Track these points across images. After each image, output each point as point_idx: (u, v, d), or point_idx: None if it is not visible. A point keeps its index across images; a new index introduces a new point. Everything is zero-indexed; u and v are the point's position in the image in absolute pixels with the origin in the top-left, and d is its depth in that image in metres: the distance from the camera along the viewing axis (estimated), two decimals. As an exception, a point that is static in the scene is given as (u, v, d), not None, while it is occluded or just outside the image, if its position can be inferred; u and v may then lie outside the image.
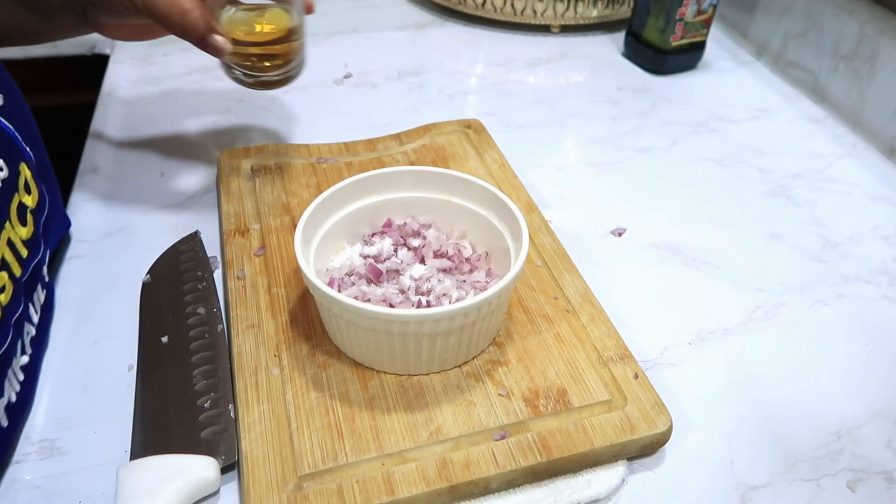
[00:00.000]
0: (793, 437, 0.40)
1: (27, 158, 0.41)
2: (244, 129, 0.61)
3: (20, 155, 0.40)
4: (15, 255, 0.37)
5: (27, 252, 0.39)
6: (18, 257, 0.38)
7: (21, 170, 0.39)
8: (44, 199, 0.42)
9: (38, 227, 0.41)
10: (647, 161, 0.61)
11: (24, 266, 0.38)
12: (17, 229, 0.38)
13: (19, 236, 0.38)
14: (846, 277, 0.50)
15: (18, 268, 0.38)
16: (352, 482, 0.34)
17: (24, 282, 0.38)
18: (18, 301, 0.37)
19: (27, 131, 0.42)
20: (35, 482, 0.36)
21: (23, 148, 0.41)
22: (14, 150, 0.39)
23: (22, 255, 0.38)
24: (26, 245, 0.39)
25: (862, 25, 0.64)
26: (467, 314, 0.37)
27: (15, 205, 0.38)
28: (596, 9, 0.79)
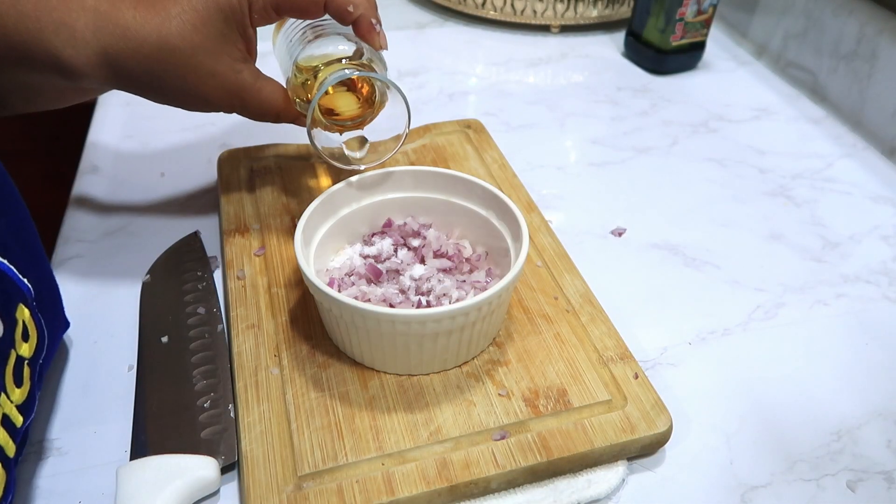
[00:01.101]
0: (793, 437, 0.40)
1: (25, 293, 0.35)
2: (244, 129, 0.61)
3: (18, 294, 0.34)
4: (8, 431, 0.32)
5: (21, 420, 0.33)
6: (12, 432, 0.32)
7: (18, 316, 0.34)
8: (43, 335, 0.36)
9: (35, 373, 0.35)
10: (647, 161, 0.61)
11: (18, 438, 0.33)
12: (11, 395, 0.32)
13: (14, 403, 0.32)
14: (846, 277, 0.50)
15: (12, 446, 0.32)
16: (352, 482, 0.34)
17: (15, 457, 0.32)
18: (11, 488, 0.31)
19: (17, 229, 0.37)
20: (35, 482, 0.36)
21: (20, 282, 0.34)
22: (9, 294, 0.33)
23: (16, 426, 0.32)
24: (21, 410, 0.33)
25: (862, 25, 0.64)
26: (467, 314, 0.37)
27: (11, 367, 0.32)
28: (596, 9, 0.79)
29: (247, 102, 0.42)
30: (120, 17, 0.38)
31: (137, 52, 0.38)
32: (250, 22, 0.41)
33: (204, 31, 0.39)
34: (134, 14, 0.38)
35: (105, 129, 0.62)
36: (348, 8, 0.40)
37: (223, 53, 0.40)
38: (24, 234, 0.37)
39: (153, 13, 0.38)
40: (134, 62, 0.39)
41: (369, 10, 0.41)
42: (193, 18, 0.39)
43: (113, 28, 0.38)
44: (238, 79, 0.41)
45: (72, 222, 0.52)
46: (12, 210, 0.37)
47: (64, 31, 0.37)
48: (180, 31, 0.38)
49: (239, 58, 0.41)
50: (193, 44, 0.39)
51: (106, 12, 0.38)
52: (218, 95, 0.41)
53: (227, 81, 0.41)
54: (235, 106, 0.42)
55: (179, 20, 0.38)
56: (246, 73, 0.41)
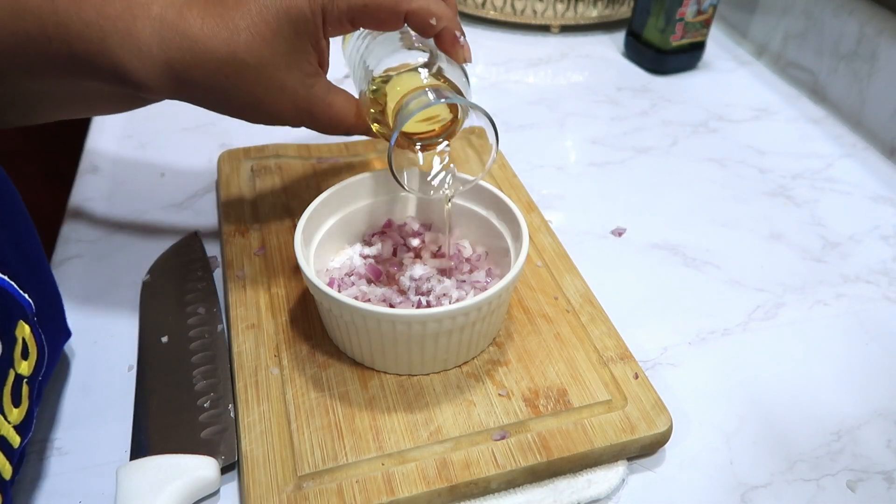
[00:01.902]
0: (793, 437, 0.40)
1: (26, 309, 0.34)
2: (244, 130, 0.61)
3: (18, 311, 0.33)
4: (5, 453, 0.31)
5: (19, 440, 0.32)
6: (9, 454, 0.31)
7: (18, 334, 0.32)
8: (43, 351, 0.35)
9: (34, 391, 0.34)
10: (647, 161, 0.61)
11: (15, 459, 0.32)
12: (9, 415, 0.31)
13: (11, 424, 0.31)
14: (846, 277, 0.50)
15: (9, 469, 0.31)
16: (352, 482, 0.34)
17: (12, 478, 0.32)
18: None
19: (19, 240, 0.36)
20: (35, 482, 0.36)
21: (20, 298, 0.33)
22: (9, 310, 0.32)
23: (13, 447, 0.31)
24: (19, 430, 0.32)
25: (862, 25, 0.64)
26: (468, 314, 0.37)
27: (9, 387, 0.31)
28: (596, 9, 0.79)
29: (317, 117, 0.40)
30: (187, 28, 0.36)
31: (205, 66, 0.36)
32: (323, 34, 0.38)
33: (274, 45, 0.37)
34: (202, 25, 0.36)
35: (105, 129, 0.62)
36: (430, 21, 0.37)
37: (294, 68, 0.38)
38: (25, 246, 0.36)
39: (222, 25, 0.36)
40: (201, 75, 0.37)
41: (452, 22, 0.38)
42: (264, 31, 0.36)
43: (180, 40, 0.36)
44: (309, 94, 0.39)
45: (72, 222, 0.52)
46: (14, 221, 0.36)
47: (129, 42, 0.35)
48: (249, 44, 0.36)
49: (310, 72, 0.39)
50: (263, 58, 0.37)
51: (172, 22, 0.36)
52: (287, 110, 0.39)
53: (298, 97, 0.39)
54: (305, 120, 0.40)
55: (248, 33, 0.36)
56: (317, 88, 0.39)
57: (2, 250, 0.33)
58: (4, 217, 0.35)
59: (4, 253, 0.34)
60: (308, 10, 0.37)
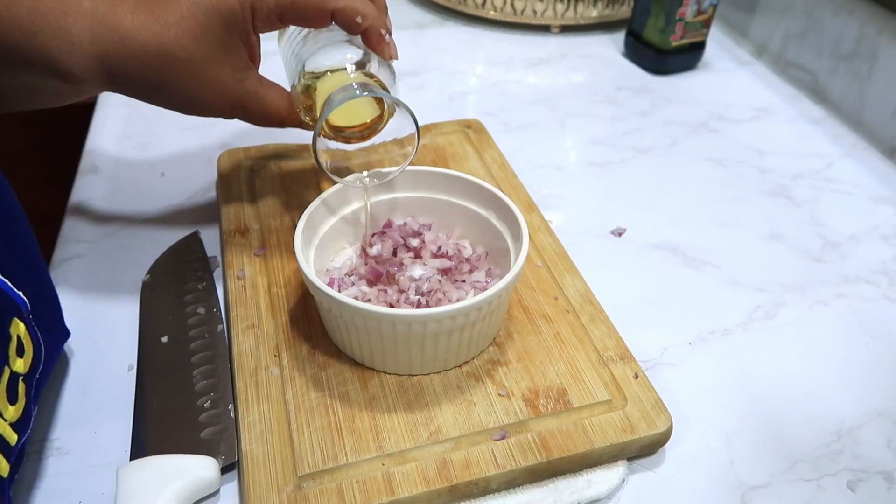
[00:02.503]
0: (793, 437, 0.40)
1: (20, 307, 0.33)
2: (244, 130, 0.61)
3: (12, 308, 0.33)
4: (2, 451, 0.31)
5: (16, 438, 0.32)
6: (6, 451, 0.31)
7: (13, 331, 0.32)
8: (39, 349, 0.35)
9: (31, 389, 0.34)
10: (647, 161, 0.61)
11: (12, 458, 0.32)
12: (5, 413, 0.31)
13: (7, 421, 0.32)
14: (846, 277, 0.50)
15: (6, 466, 0.31)
16: (352, 482, 0.34)
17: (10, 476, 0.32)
18: None
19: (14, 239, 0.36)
20: (35, 482, 0.36)
21: (14, 296, 0.33)
22: (2, 308, 0.32)
23: (10, 444, 0.32)
24: (16, 427, 0.32)
25: (862, 25, 0.64)
26: (468, 314, 0.37)
27: (4, 384, 0.31)
28: (596, 9, 0.79)
29: (249, 110, 0.42)
30: (118, 23, 0.37)
31: (135, 60, 0.37)
32: (253, 29, 0.40)
33: (204, 41, 0.38)
34: (132, 20, 0.37)
35: (105, 129, 0.62)
36: (356, 19, 0.39)
37: (224, 63, 0.39)
38: (21, 245, 0.37)
39: (152, 20, 0.37)
40: (132, 69, 0.38)
41: (378, 21, 0.40)
42: (193, 27, 0.37)
43: (110, 35, 0.37)
44: (239, 87, 0.40)
45: (72, 222, 0.52)
46: (9, 220, 0.36)
47: (61, 36, 0.36)
48: (179, 40, 0.37)
49: (241, 66, 0.40)
50: (193, 53, 0.38)
51: (103, 17, 0.37)
52: (219, 104, 0.40)
53: (229, 90, 0.40)
54: (237, 113, 0.42)
55: (178, 28, 0.37)
56: (248, 82, 0.41)
57: None
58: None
59: None
60: (237, 6, 0.38)
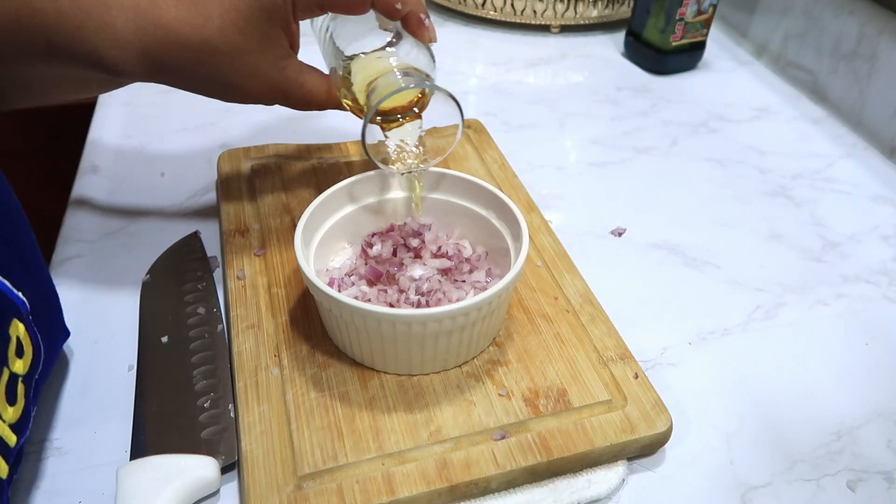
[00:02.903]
0: (793, 437, 0.40)
1: (19, 307, 0.33)
2: (244, 129, 0.61)
3: (11, 309, 0.33)
4: (1, 452, 0.31)
5: (15, 439, 0.32)
6: (5, 453, 0.31)
7: (12, 332, 0.32)
8: (38, 350, 0.35)
9: (30, 390, 0.34)
10: (647, 161, 0.61)
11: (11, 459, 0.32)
12: (4, 414, 0.31)
13: (6, 422, 0.32)
14: (846, 277, 0.50)
15: (5, 467, 0.31)
16: (352, 482, 0.34)
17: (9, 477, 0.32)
18: None
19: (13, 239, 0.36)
20: (35, 482, 0.36)
21: (13, 297, 0.33)
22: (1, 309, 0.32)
23: (9, 446, 0.31)
24: (14, 429, 0.32)
25: (862, 25, 0.64)
26: (467, 314, 0.37)
27: (3, 385, 0.31)
28: (596, 9, 0.79)
29: (290, 97, 0.42)
30: (161, 15, 0.37)
31: (179, 53, 0.38)
32: (293, 18, 0.40)
33: (247, 32, 0.38)
34: (175, 14, 0.37)
35: (105, 129, 0.62)
36: (396, 6, 0.39)
37: (266, 52, 0.39)
38: (20, 245, 0.37)
39: (195, 13, 0.37)
40: (176, 62, 0.38)
41: (417, 6, 0.40)
42: (236, 18, 0.38)
43: (154, 28, 0.37)
44: (281, 76, 0.41)
45: (72, 222, 0.52)
46: (8, 220, 0.36)
47: (105, 31, 0.36)
48: (222, 31, 0.37)
49: (282, 55, 0.40)
50: (236, 44, 0.38)
51: (146, 10, 0.37)
52: (262, 92, 0.41)
53: (271, 79, 0.40)
54: (279, 100, 0.42)
55: (221, 20, 0.37)
56: (289, 70, 0.41)
57: None
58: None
59: None
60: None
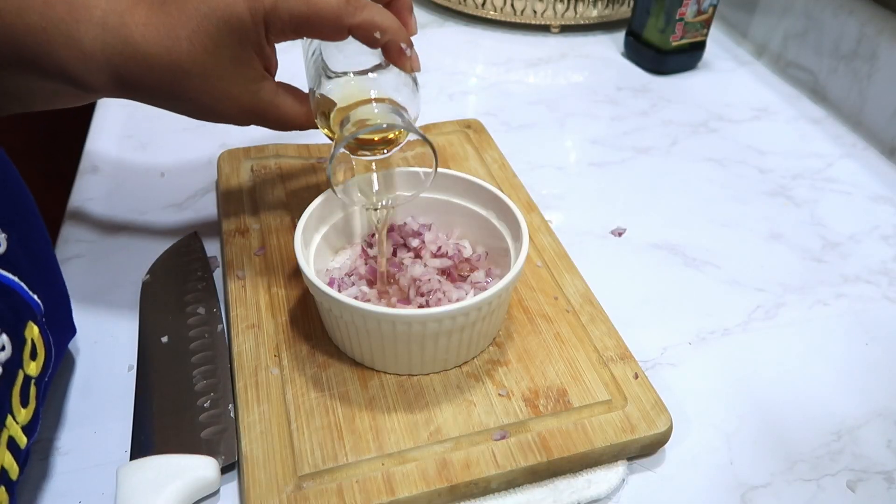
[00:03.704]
0: (793, 437, 0.40)
1: (35, 310, 0.34)
2: (244, 129, 0.61)
3: (27, 312, 0.33)
4: (13, 453, 0.31)
5: (26, 440, 0.32)
6: (16, 454, 0.31)
7: (28, 335, 0.32)
8: (50, 352, 0.35)
9: (41, 392, 0.34)
10: (647, 161, 0.61)
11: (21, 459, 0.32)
12: (18, 416, 0.31)
13: (20, 424, 0.32)
14: (846, 277, 0.50)
15: (16, 469, 0.31)
16: (352, 482, 0.34)
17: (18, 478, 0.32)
18: None
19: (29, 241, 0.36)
20: (35, 482, 0.36)
21: (29, 299, 0.33)
22: (18, 312, 0.32)
23: (20, 447, 0.32)
24: (26, 430, 0.32)
25: (862, 25, 0.64)
26: (467, 314, 0.37)
27: (18, 387, 0.31)
28: (596, 9, 0.79)
29: (265, 119, 0.41)
30: (129, 34, 0.36)
31: (148, 73, 0.37)
32: (267, 41, 0.38)
33: (216, 55, 0.37)
34: (143, 33, 0.36)
35: (105, 129, 0.62)
36: (374, 35, 0.37)
37: (237, 75, 0.38)
38: (36, 246, 0.36)
39: (163, 34, 0.36)
40: (144, 81, 0.37)
41: (398, 34, 0.38)
42: (205, 41, 0.37)
43: (122, 47, 0.36)
44: (254, 98, 0.39)
45: (72, 222, 0.52)
46: (26, 221, 0.36)
47: (73, 47, 0.36)
48: (190, 54, 0.37)
49: (255, 77, 0.39)
50: (205, 68, 0.37)
51: (114, 28, 0.36)
52: (233, 114, 0.40)
53: (243, 102, 0.39)
54: (253, 121, 0.41)
55: (189, 43, 0.36)
56: (263, 92, 0.40)
57: (12, 251, 0.33)
58: (15, 217, 0.35)
59: (14, 254, 0.33)
60: (249, 20, 0.37)
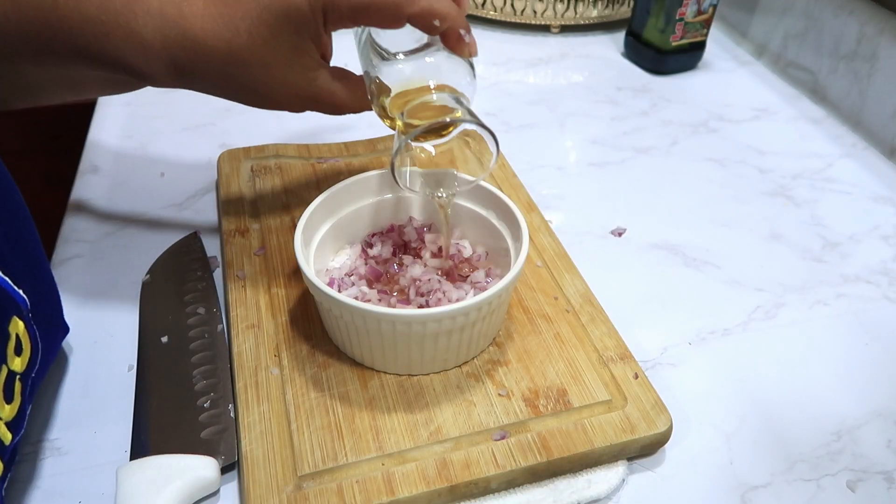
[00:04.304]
0: (793, 437, 0.40)
1: (20, 305, 0.33)
2: (244, 129, 0.61)
3: (11, 307, 0.33)
4: None
5: (10, 437, 0.32)
6: (1, 451, 0.32)
7: (11, 330, 0.32)
8: (37, 348, 0.35)
9: (27, 388, 0.34)
10: (647, 161, 0.61)
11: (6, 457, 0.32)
12: (1, 412, 0.31)
13: (4, 420, 0.32)
14: (846, 277, 0.50)
15: (0, 466, 0.32)
16: (352, 482, 0.34)
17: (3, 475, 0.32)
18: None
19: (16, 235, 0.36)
20: (35, 482, 0.36)
21: (14, 294, 0.33)
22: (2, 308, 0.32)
23: (4, 444, 0.32)
24: (10, 427, 0.32)
25: (862, 25, 0.64)
26: (467, 314, 0.37)
27: (1, 383, 0.31)
28: (596, 9, 0.79)
29: (321, 105, 0.41)
30: (188, 26, 0.36)
31: (207, 64, 0.37)
32: (324, 30, 0.38)
33: (275, 45, 0.37)
34: (202, 25, 0.36)
35: (105, 129, 0.62)
36: (434, 22, 0.37)
37: (295, 64, 0.39)
38: (22, 241, 0.36)
39: (222, 25, 0.36)
40: (204, 72, 0.38)
41: (457, 21, 0.38)
42: (263, 32, 0.37)
43: (181, 39, 0.36)
44: (311, 86, 0.40)
45: (72, 222, 0.52)
46: (11, 216, 0.36)
47: (132, 39, 0.36)
48: (250, 45, 0.37)
49: (312, 66, 0.39)
50: (264, 58, 0.38)
51: (173, 19, 0.36)
52: (291, 101, 0.40)
53: (300, 89, 0.40)
54: (309, 107, 0.41)
55: (249, 34, 0.36)
56: (320, 80, 0.40)
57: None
58: (1, 212, 0.35)
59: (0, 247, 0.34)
60: (308, 10, 0.37)
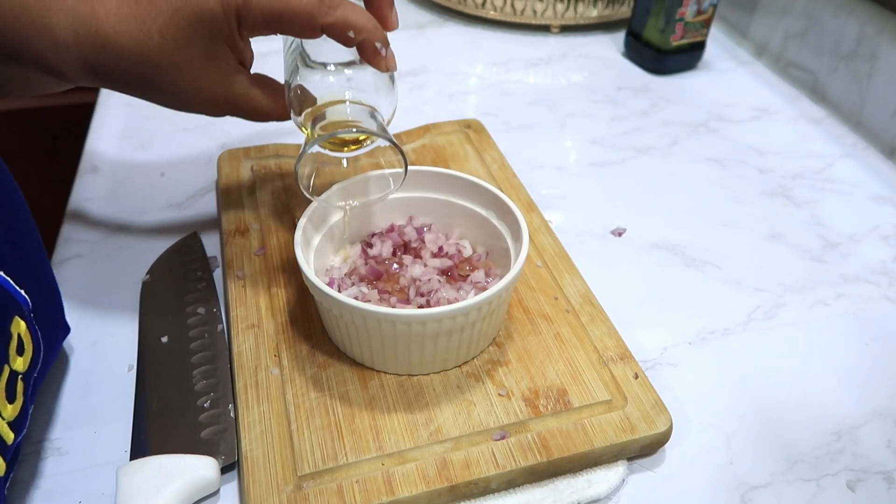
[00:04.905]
0: (793, 437, 0.40)
1: (21, 305, 0.33)
2: (244, 129, 0.61)
3: (13, 307, 0.33)
4: (0, 451, 0.31)
5: (13, 437, 0.32)
6: (3, 450, 0.31)
7: (13, 330, 0.32)
8: (38, 348, 0.35)
9: (28, 388, 0.34)
10: (647, 161, 0.61)
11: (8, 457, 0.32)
12: (4, 412, 0.31)
13: (6, 420, 0.32)
14: (846, 277, 0.50)
15: (2, 466, 0.31)
16: (352, 482, 0.34)
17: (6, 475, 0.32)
18: None
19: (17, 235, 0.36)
20: (35, 482, 0.36)
21: (15, 294, 0.33)
22: (3, 306, 0.32)
23: (7, 444, 0.32)
24: (12, 426, 0.32)
25: (862, 25, 0.64)
26: (467, 314, 0.37)
27: (3, 382, 0.31)
28: (596, 9, 0.79)
29: (240, 111, 0.41)
30: (99, 25, 0.35)
31: (119, 65, 0.37)
32: (240, 36, 0.38)
33: (187, 49, 0.37)
34: (114, 25, 0.35)
35: (105, 129, 0.62)
36: (349, 33, 0.36)
37: (209, 69, 0.38)
38: (24, 241, 0.36)
39: (134, 26, 0.36)
40: (117, 73, 0.37)
41: (373, 34, 0.37)
42: (175, 35, 0.36)
43: (94, 38, 0.36)
44: (228, 91, 0.39)
45: (72, 222, 0.52)
46: (12, 216, 0.36)
47: (45, 34, 0.35)
48: (162, 47, 0.36)
49: (228, 71, 0.39)
50: (176, 61, 0.37)
51: (85, 18, 0.35)
52: (206, 106, 0.40)
53: (215, 94, 0.39)
54: (227, 112, 0.41)
55: (161, 36, 0.36)
56: (237, 86, 0.39)
57: None
58: (2, 212, 0.35)
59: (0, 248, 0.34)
60: (221, 14, 0.36)
